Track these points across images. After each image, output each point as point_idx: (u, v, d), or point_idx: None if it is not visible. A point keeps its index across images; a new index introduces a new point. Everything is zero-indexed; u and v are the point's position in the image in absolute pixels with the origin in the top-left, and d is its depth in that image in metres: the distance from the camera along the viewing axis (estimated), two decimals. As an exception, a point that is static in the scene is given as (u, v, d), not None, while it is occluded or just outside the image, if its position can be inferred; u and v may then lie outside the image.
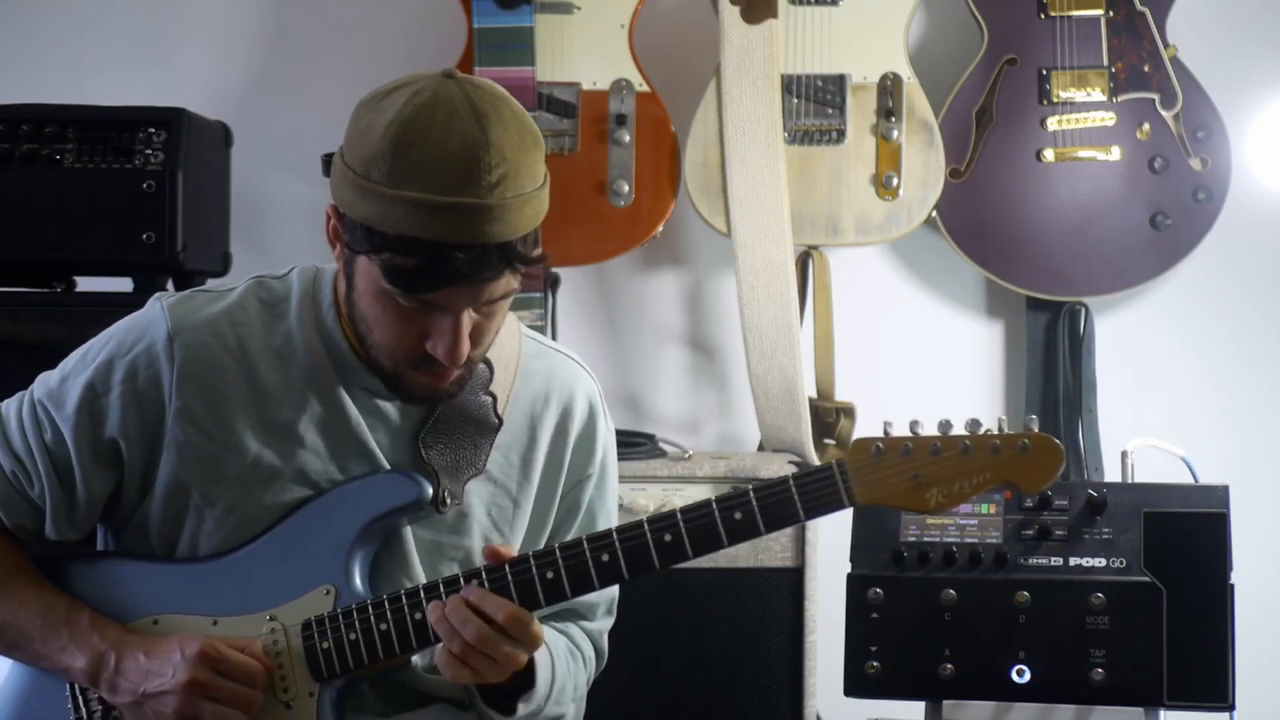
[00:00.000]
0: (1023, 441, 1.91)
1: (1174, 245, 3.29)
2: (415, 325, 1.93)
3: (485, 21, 3.22)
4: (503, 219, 1.85)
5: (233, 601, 2.01)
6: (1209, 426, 3.43)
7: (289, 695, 2.00)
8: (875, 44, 3.26)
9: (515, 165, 1.86)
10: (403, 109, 1.85)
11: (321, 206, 2.00)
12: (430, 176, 1.83)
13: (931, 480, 1.91)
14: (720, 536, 1.94)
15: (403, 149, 1.84)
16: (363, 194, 1.86)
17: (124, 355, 2.02)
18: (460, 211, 1.83)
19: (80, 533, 2.07)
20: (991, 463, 1.90)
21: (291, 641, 2.00)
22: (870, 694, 2.50)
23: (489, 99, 1.88)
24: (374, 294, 1.92)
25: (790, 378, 3.19)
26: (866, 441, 1.92)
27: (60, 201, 3.02)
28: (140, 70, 3.52)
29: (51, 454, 2.03)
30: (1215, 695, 2.40)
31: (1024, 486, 1.93)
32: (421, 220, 1.83)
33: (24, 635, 2.03)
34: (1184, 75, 3.28)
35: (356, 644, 1.98)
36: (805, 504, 1.93)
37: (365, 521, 2.01)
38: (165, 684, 1.96)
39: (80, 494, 2.03)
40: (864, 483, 1.91)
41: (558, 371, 2.16)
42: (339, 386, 2.03)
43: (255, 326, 2.04)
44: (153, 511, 2.04)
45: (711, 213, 3.26)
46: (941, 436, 1.92)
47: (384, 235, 1.86)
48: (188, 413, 2.00)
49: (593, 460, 2.18)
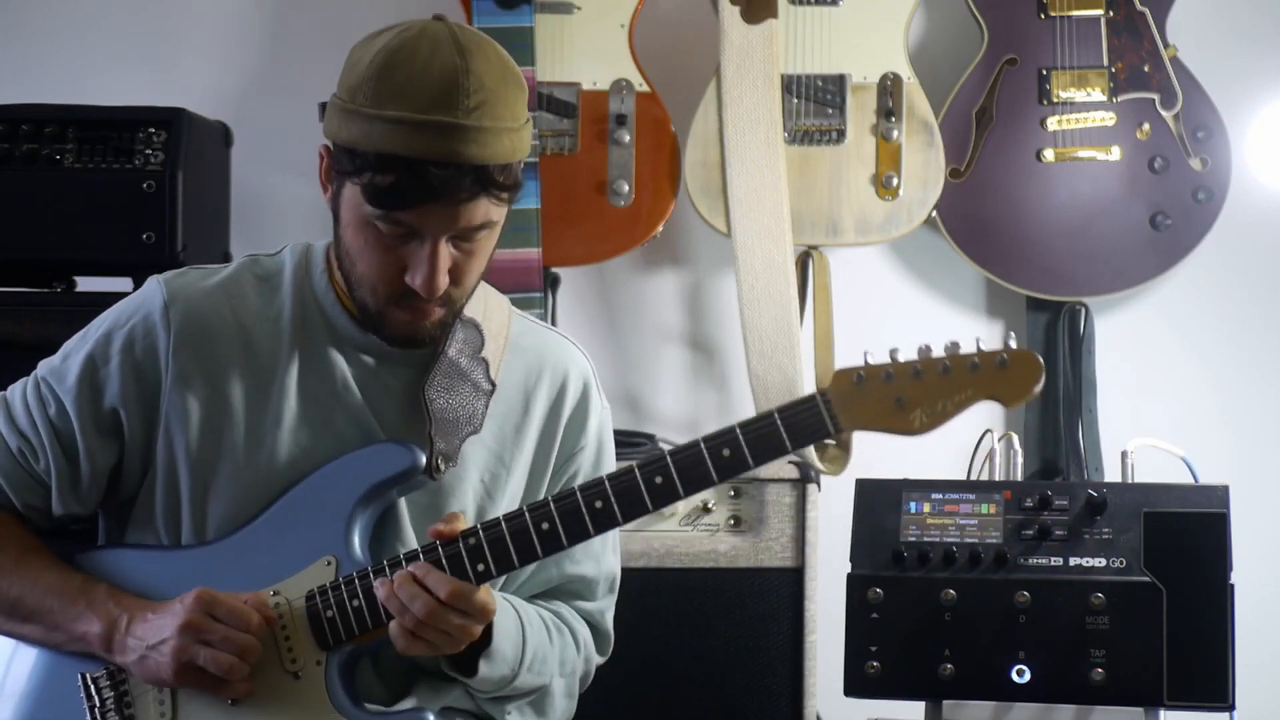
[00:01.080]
0: (1001, 356, 1.94)
1: (1174, 245, 3.29)
2: (394, 255, 1.98)
3: (485, 21, 3.22)
4: (479, 141, 1.92)
5: (237, 581, 2.03)
6: (1209, 426, 3.43)
7: (297, 666, 2.02)
8: (875, 44, 3.26)
9: (494, 95, 1.94)
10: (390, 41, 1.95)
11: (322, 207, 2.02)
12: (410, 97, 1.91)
13: (914, 402, 1.93)
14: (710, 474, 1.96)
15: (387, 73, 1.92)
16: (348, 117, 1.94)
17: (122, 326, 2.08)
18: (437, 129, 1.90)
19: (86, 507, 2.11)
20: (972, 379, 1.93)
21: (295, 613, 2.03)
22: (870, 694, 2.50)
23: (473, 38, 1.97)
24: (357, 224, 1.98)
25: (790, 378, 3.19)
26: (848, 371, 1.94)
27: (60, 201, 3.02)
28: (140, 70, 3.52)
29: (56, 428, 2.07)
30: (1215, 695, 2.40)
31: (1005, 400, 1.94)
32: (400, 138, 1.90)
33: (40, 608, 2.05)
34: (1184, 75, 3.28)
35: (360, 610, 2.01)
36: (791, 434, 1.95)
37: (361, 492, 2.04)
38: (165, 632, 1.99)
39: (84, 467, 2.07)
40: (848, 410, 1.93)
41: (551, 347, 2.20)
42: (333, 350, 2.08)
43: (250, 298, 2.09)
44: (156, 489, 2.08)
45: (711, 213, 3.26)
46: (921, 360, 1.94)
47: (364, 155, 1.93)
48: (184, 378, 2.05)
49: (585, 434, 2.21)
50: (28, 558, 2.07)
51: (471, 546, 1.98)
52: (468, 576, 1.98)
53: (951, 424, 3.59)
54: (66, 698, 2.06)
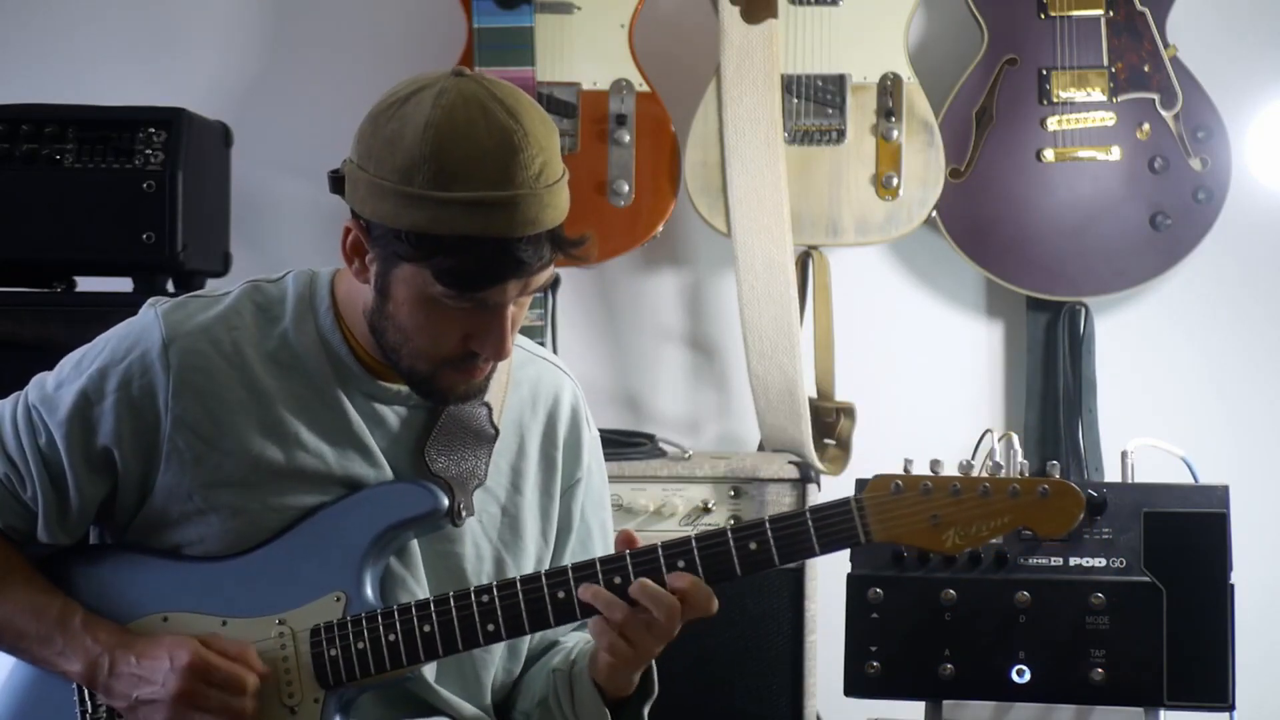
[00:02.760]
0: (1042, 487, 1.91)
1: (1174, 245, 3.29)
2: (460, 325, 1.93)
3: (485, 21, 3.22)
4: (551, 204, 1.89)
5: (243, 603, 2.00)
6: (1209, 426, 3.43)
7: (294, 700, 1.99)
8: (875, 44, 3.26)
9: (549, 152, 1.90)
10: (432, 113, 1.85)
11: (322, 207, 2.00)
12: (476, 174, 1.84)
13: (949, 521, 1.91)
14: (734, 566, 1.95)
15: (444, 151, 1.84)
16: (407, 202, 1.85)
17: (118, 364, 2.01)
18: (513, 204, 1.85)
19: (72, 537, 2.06)
20: (1010, 506, 1.90)
21: (300, 647, 1.99)
22: (870, 694, 2.50)
23: (507, 90, 1.90)
24: (417, 300, 1.91)
25: (790, 378, 3.19)
26: (886, 478, 1.93)
27: (60, 201, 3.02)
28: (140, 70, 3.52)
29: (45, 458, 2.02)
30: (1215, 695, 2.40)
31: (1041, 532, 1.92)
32: (478, 219, 1.84)
33: (21, 638, 2.02)
34: (1184, 75, 3.28)
35: (364, 653, 1.97)
36: (821, 538, 1.93)
37: (379, 530, 2.00)
38: (156, 693, 1.95)
39: (73, 499, 2.02)
40: (881, 520, 1.92)
41: (544, 378, 2.16)
42: (337, 390, 2.02)
43: (250, 331, 2.02)
44: (153, 515, 2.03)
45: (711, 213, 3.26)
46: (962, 478, 1.92)
47: (438, 239, 1.85)
48: (186, 420, 1.99)
49: (580, 464, 2.18)
50: (6, 581, 2.02)
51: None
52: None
53: (951, 423, 3.61)
54: (61, 698, 2.04)
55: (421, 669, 2.03)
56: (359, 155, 1.91)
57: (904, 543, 1.93)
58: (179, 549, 2.04)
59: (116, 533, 2.09)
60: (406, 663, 1.98)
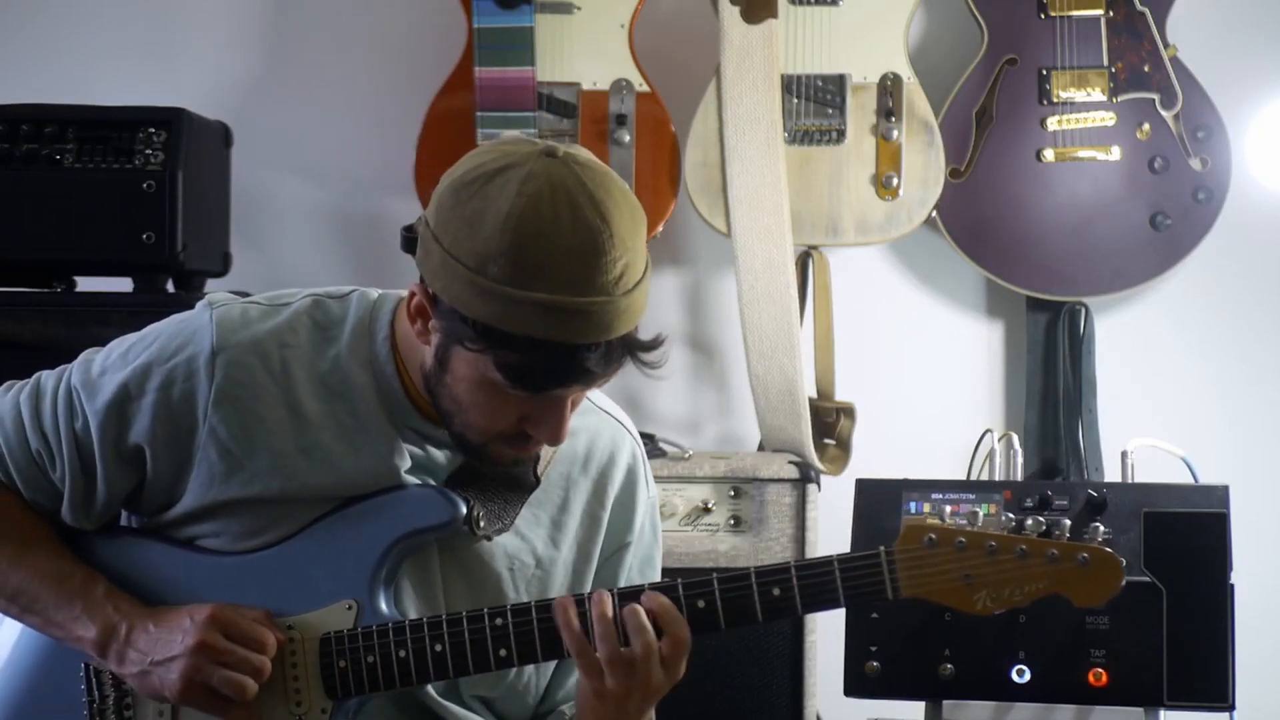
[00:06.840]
0: (1082, 555, 1.86)
1: (1174, 245, 3.29)
2: (517, 409, 1.88)
3: (485, 21, 3.22)
4: (628, 311, 1.83)
5: (254, 602, 1.97)
6: (1209, 426, 3.43)
7: (302, 709, 1.97)
8: (875, 44, 3.26)
9: (634, 252, 1.82)
10: (516, 201, 1.77)
11: (322, 207, 1.99)
12: (554, 275, 1.77)
13: (982, 582, 1.85)
14: (755, 611, 1.90)
15: (523, 246, 1.76)
16: (480, 293, 1.78)
17: (163, 363, 1.97)
18: (591, 313, 1.78)
19: (95, 524, 2.04)
20: (1047, 571, 1.85)
21: (309, 655, 1.97)
22: (870, 694, 2.50)
23: (599, 179, 1.81)
24: (476, 381, 1.86)
25: (790, 378, 3.19)
26: (918, 528, 1.86)
27: (60, 201, 3.02)
28: (140, 70, 3.52)
29: (78, 441, 2.00)
30: (1215, 695, 2.40)
31: (1078, 601, 1.87)
32: (551, 323, 1.77)
33: (37, 602, 2.00)
34: (1184, 75, 3.28)
35: (374, 667, 1.95)
36: (847, 590, 1.89)
37: (395, 537, 1.97)
38: (174, 649, 1.93)
39: (100, 487, 2.01)
40: (911, 575, 1.87)
41: (602, 433, 2.10)
42: (386, 423, 1.98)
43: (303, 349, 1.98)
44: (179, 518, 2.02)
45: (711, 213, 3.26)
46: (998, 535, 1.85)
47: (506, 335, 1.79)
48: (220, 433, 1.96)
49: (631, 528, 2.11)
50: (31, 547, 2.01)
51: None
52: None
53: (951, 423, 3.61)
54: (67, 682, 2.03)
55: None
56: (435, 222, 1.83)
57: (933, 600, 1.86)
58: (194, 540, 2.02)
59: (140, 519, 2.08)
60: (416, 681, 1.95)
